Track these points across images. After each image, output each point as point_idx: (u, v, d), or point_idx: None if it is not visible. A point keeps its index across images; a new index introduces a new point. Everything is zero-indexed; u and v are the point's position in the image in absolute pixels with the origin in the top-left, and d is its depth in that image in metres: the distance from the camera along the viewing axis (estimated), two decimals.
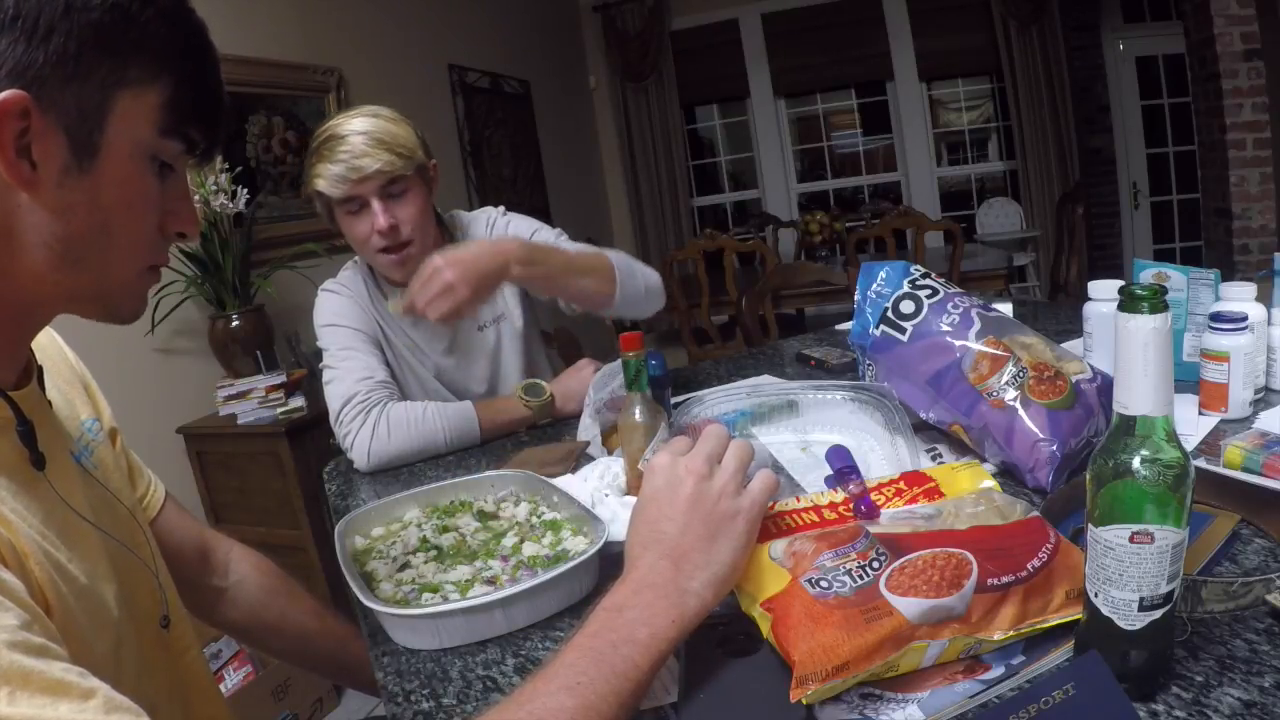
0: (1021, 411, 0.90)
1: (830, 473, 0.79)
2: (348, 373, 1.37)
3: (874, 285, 1.05)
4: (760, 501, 0.65)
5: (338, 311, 1.45)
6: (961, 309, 0.98)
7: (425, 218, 1.40)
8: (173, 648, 0.80)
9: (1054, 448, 0.87)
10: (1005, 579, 0.61)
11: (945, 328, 0.98)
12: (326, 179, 1.32)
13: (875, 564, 0.62)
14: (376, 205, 1.34)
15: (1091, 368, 0.97)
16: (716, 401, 0.95)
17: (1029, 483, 0.89)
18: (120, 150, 0.56)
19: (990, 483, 0.78)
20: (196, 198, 2.22)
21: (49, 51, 0.51)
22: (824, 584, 0.61)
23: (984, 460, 0.95)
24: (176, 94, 0.58)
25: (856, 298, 1.07)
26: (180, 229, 0.63)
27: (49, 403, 0.71)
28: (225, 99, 0.63)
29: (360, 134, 1.32)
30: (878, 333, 1.01)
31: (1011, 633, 0.61)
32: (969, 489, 0.76)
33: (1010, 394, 0.91)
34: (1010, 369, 0.93)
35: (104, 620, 0.64)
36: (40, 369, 0.71)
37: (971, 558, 0.62)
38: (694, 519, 0.63)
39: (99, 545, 0.68)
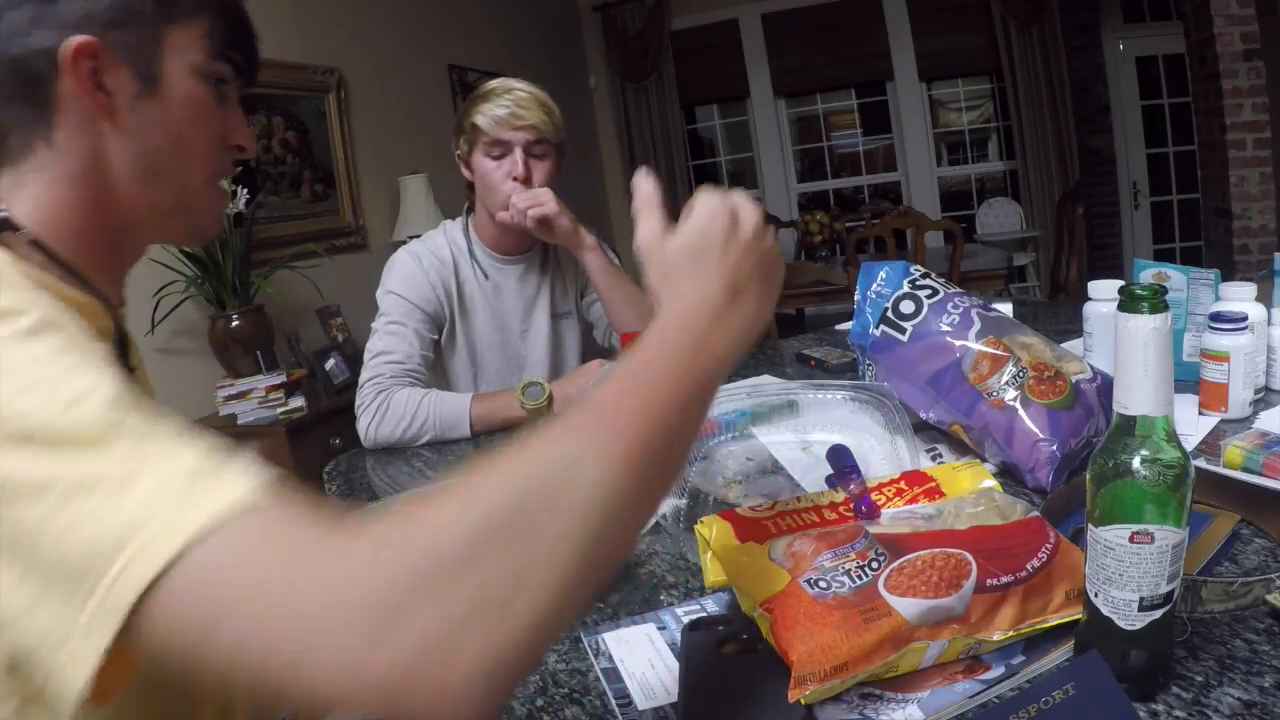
0: (1021, 411, 0.90)
1: (831, 473, 0.79)
2: (383, 350, 1.48)
3: (874, 285, 1.05)
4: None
5: (404, 282, 1.53)
6: (961, 309, 0.98)
7: (552, 185, 1.52)
8: None
9: (1054, 448, 0.87)
10: (1004, 579, 0.61)
11: (945, 328, 0.98)
12: (487, 117, 1.47)
13: (874, 564, 0.62)
14: (519, 154, 1.47)
15: (1091, 368, 0.97)
16: (717, 401, 0.95)
17: (1029, 483, 0.89)
18: (178, 75, 0.66)
19: (991, 482, 0.78)
20: None
21: (103, 2, 0.62)
22: (823, 584, 0.61)
23: (984, 460, 0.95)
24: (215, 23, 0.68)
25: (856, 298, 1.07)
26: (238, 141, 0.72)
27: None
28: (253, 25, 0.73)
29: (527, 93, 1.49)
30: (877, 333, 1.01)
31: (1011, 633, 0.61)
32: (969, 489, 0.77)
33: (1010, 394, 0.92)
34: (1010, 369, 0.93)
35: None
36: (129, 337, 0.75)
37: (971, 558, 0.62)
38: (752, 254, 0.58)
39: None
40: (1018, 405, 0.90)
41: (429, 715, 0.37)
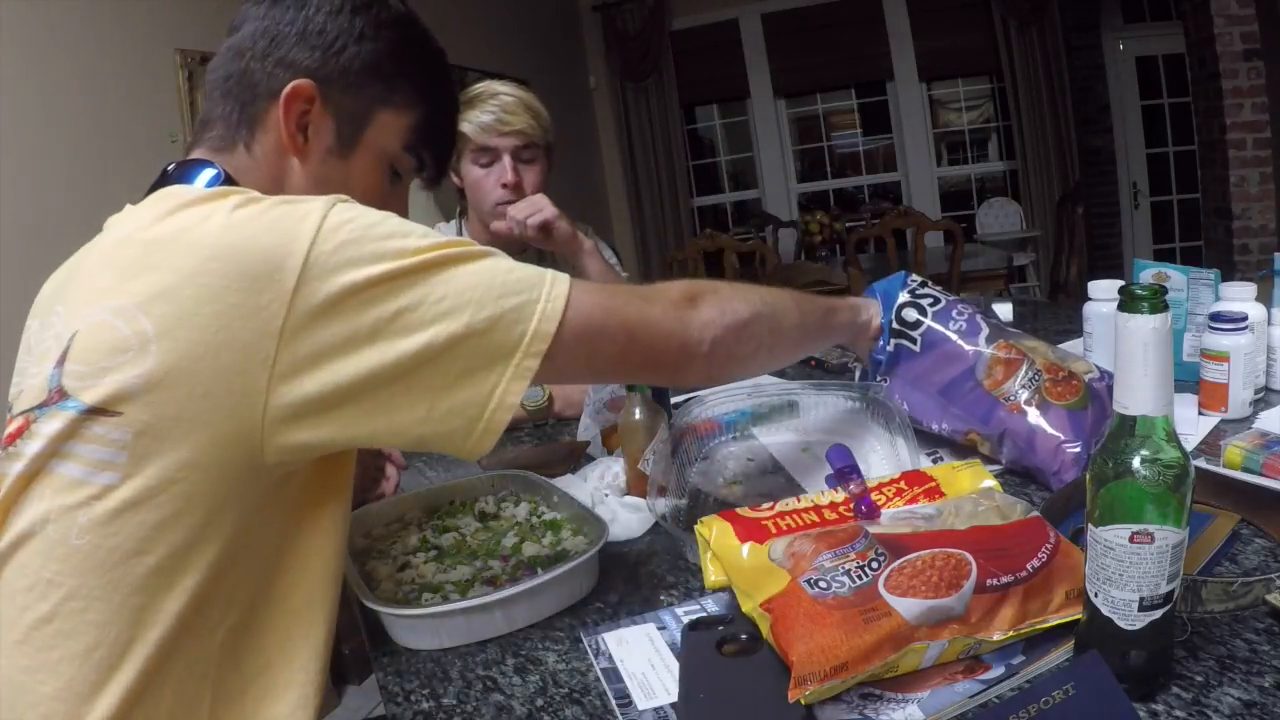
0: (1042, 415, 0.89)
1: (831, 473, 0.79)
2: None
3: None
4: None
5: None
6: (966, 315, 0.98)
7: (541, 189, 1.52)
8: None
9: (1078, 449, 0.86)
10: (1004, 579, 0.61)
11: (954, 334, 0.96)
12: (473, 124, 1.45)
13: (874, 564, 0.62)
14: (507, 161, 1.46)
15: (1098, 367, 0.97)
16: (717, 402, 0.95)
17: (1053, 485, 0.88)
18: (371, 150, 0.73)
19: (991, 482, 0.78)
20: None
21: (339, 63, 0.70)
22: (823, 584, 0.61)
23: (1001, 464, 0.94)
24: (423, 122, 0.75)
25: None
26: None
27: None
28: (456, 137, 0.83)
29: (513, 96, 1.47)
30: (891, 347, 0.99)
31: (1011, 633, 0.61)
32: (969, 489, 0.77)
33: (1028, 397, 0.90)
34: (1025, 372, 0.92)
35: None
36: None
37: (971, 558, 0.62)
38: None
39: None
40: (1037, 409, 0.89)
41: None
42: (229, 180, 0.68)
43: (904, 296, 1.00)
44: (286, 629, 0.65)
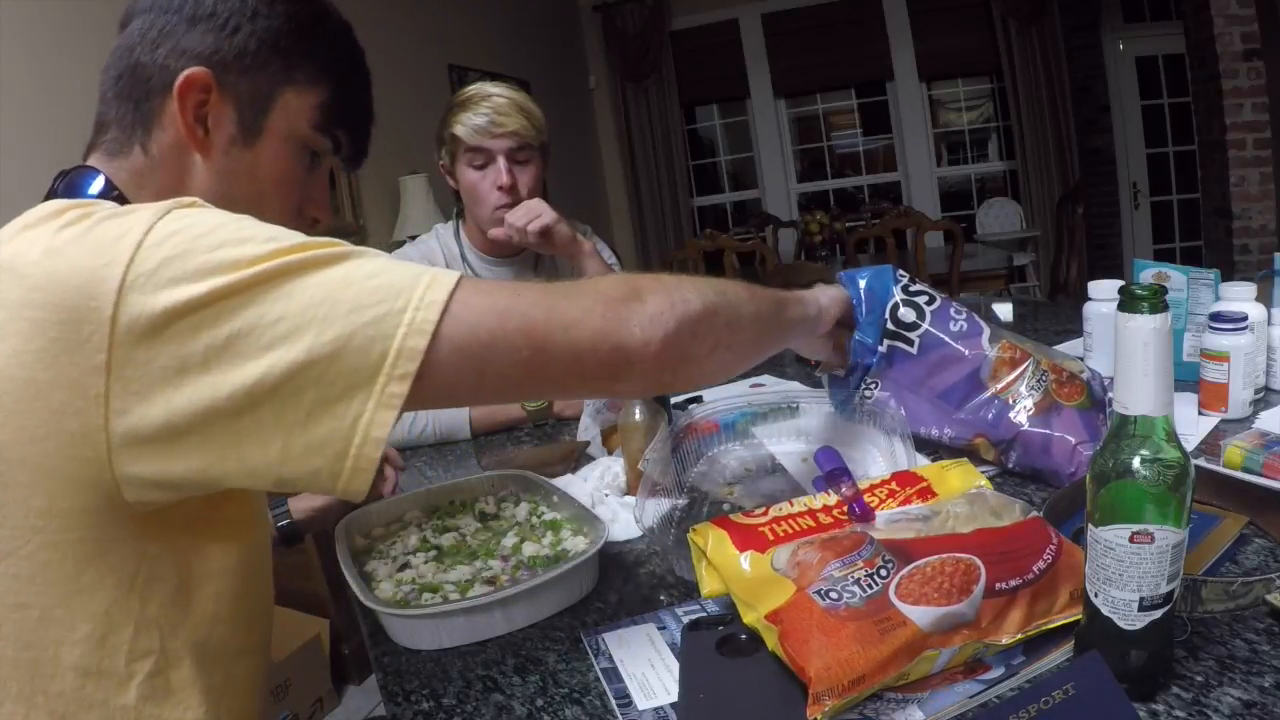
0: (1055, 416, 0.88)
1: (820, 475, 0.78)
2: None
3: (861, 299, 0.97)
4: None
5: None
6: (965, 314, 0.96)
7: (538, 190, 1.51)
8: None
9: (1093, 450, 0.85)
10: (1013, 582, 0.61)
11: (953, 336, 0.94)
12: (466, 127, 1.43)
13: (883, 572, 0.61)
14: (502, 163, 1.45)
15: (1088, 366, 0.96)
16: (718, 402, 0.95)
17: (1065, 486, 0.86)
18: (279, 135, 0.68)
19: (982, 482, 0.78)
20: None
21: (233, 45, 0.64)
22: (833, 595, 0.60)
23: (1007, 468, 0.93)
24: (331, 99, 0.70)
25: None
26: (315, 214, 0.74)
27: None
28: (372, 114, 0.76)
29: (505, 98, 1.45)
30: (883, 348, 0.96)
31: (1019, 635, 0.61)
32: (961, 489, 0.76)
33: (1037, 398, 0.89)
34: (1031, 374, 0.91)
35: None
36: None
37: (979, 562, 0.61)
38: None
39: None
40: (1049, 410, 0.88)
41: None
42: (116, 190, 0.64)
43: (898, 295, 0.96)
44: (208, 677, 0.61)
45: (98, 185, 0.64)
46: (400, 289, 0.52)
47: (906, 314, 0.95)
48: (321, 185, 0.74)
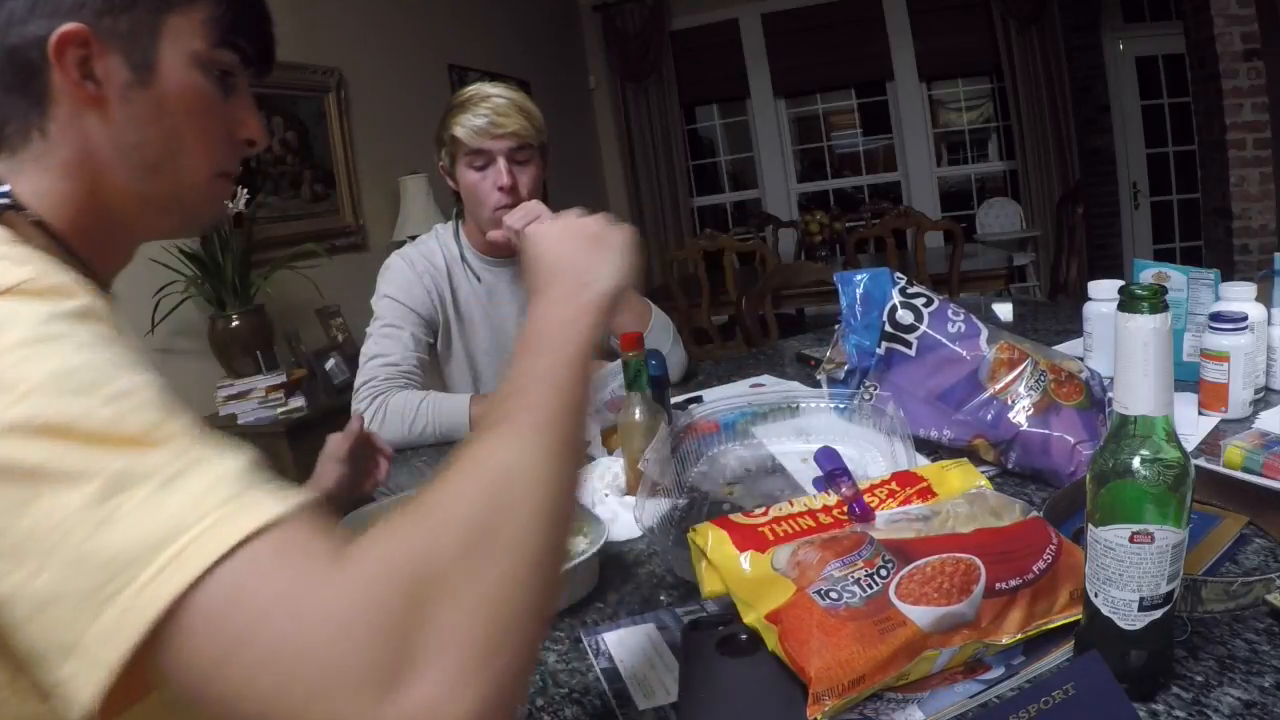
0: (1055, 416, 0.88)
1: (818, 475, 0.78)
2: (378, 353, 1.47)
3: (857, 300, 0.99)
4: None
5: (400, 287, 1.53)
6: (963, 315, 0.96)
7: (538, 191, 1.51)
8: None
9: (1092, 449, 0.86)
10: (1013, 582, 0.61)
11: (952, 337, 0.94)
12: (466, 128, 1.43)
13: (883, 572, 0.61)
14: (503, 164, 1.44)
15: (1087, 366, 0.96)
16: (718, 402, 0.95)
17: (1065, 486, 0.87)
18: (175, 64, 0.62)
19: (983, 482, 0.78)
20: None
21: None
22: (833, 595, 0.60)
23: (1007, 469, 0.93)
24: (219, 8, 0.64)
25: (843, 313, 1.01)
26: (247, 135, 0.69)
27: None
28: (267, 10, 0.70)
29: (505, 98, 1.45)
30: (882, 350, 0.96)
31: (1019, 635, 0.61)
32: (961, 489, 0.76)
33: (1036, 399, 0.89)
34: (1030, 374, 0.91)
35: None
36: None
37: (979, 562, 0.61)
38: (582, 242, 0.67)
39: None
40: (1048, 410, 0.88)
41: None
42: (6, 195, 0.59)
43: (895, 297, 0.97)
44: None
45: None
46: (134, 558, 0.38)
47: (904, 316, 0.96)
48: (247, 106, 0.68)
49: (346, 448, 1.05)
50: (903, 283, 0.99)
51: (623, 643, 0.72)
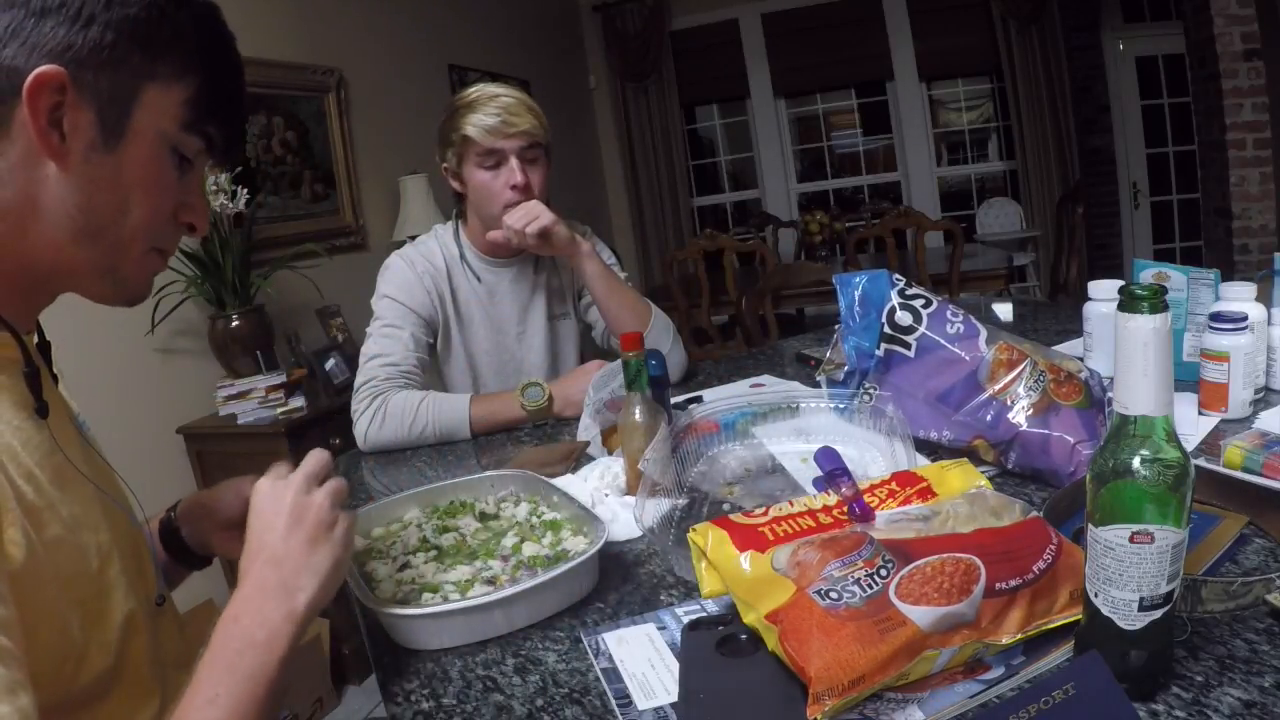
0: (1054, 416, 0.88)
1: (818, 475, 0.78)
2: (378, 353, 1.47)
3: (856, 302, 0.98)
4: (347, 514, 0.72)
5: (400, 287, 1.52)
6: (961, 316, 0.96)
7: (545, 189, 1.52)
8: (167, 628, 0.79)
9: (1092, 449, 0.86)
10: (1013, 582, 0.61)
11: (951, 338, 0.94)
12: (478, 127, 1.43)
13: (883, 571, 0.61)
14: (515, 163, 1.45)
15: (1086, 366, 0.96)
16: (718, 402, 0.95)
17: (1065, 486, 0.86)
18: (144, 136, 0.61)
19: (983, 482, 0.78)
20: None
21: (88, 38, 0.57)
22: (834, 595, 0.60)
23: (1007, 469, 0.93)
24: (200, 93, 0.63)
25: (841, 315, 1.01)
26: (190, 220, 0.68)
27: (55, 376, 0.72)
28: (245, 105, 0.69)
29: (513, 98, 1.46)
30: (881, 351, 0.96)
31: (1020, 635, 0.61)
32: (961, 489, 0.76)
33: (1035, 399, 0.89)
34: (1029, 374, 0.91)
35: (83, 569, 0.64)
36: (49, 345, 0.72)
37: (979, 562, 0.61)
38: (295, 529, 0.67)
39: (94, 497, 0.67)
40: (1048, 410, 0.88)
41: None
42: None
43: (894, 298, 0.96)
44: None
45: None
46: None
47: (903, 317, 0.96)
48: (197, 191, 0.67)
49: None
50: (901, 284, 0.99)
51: (623, 643, 0.72)
